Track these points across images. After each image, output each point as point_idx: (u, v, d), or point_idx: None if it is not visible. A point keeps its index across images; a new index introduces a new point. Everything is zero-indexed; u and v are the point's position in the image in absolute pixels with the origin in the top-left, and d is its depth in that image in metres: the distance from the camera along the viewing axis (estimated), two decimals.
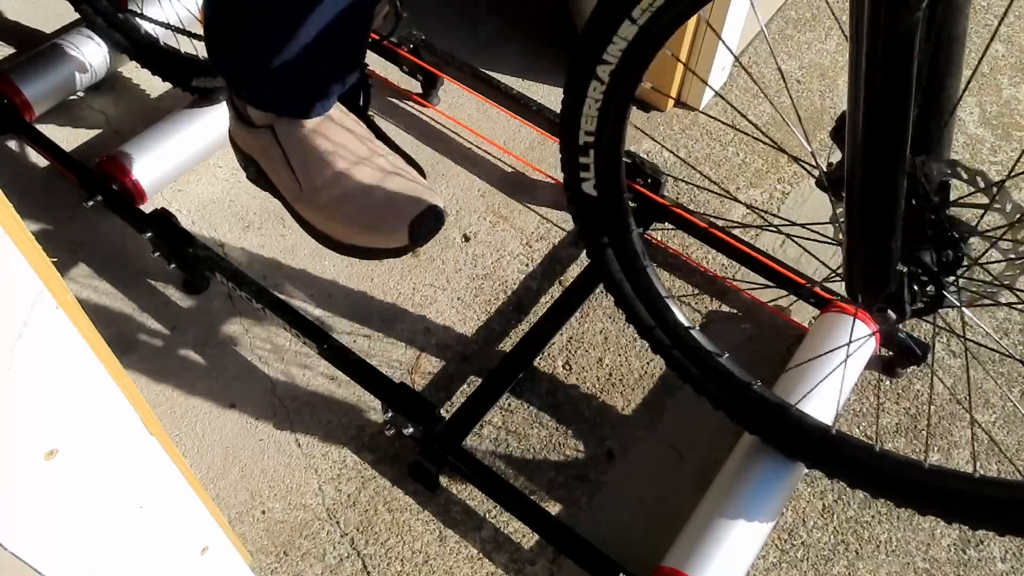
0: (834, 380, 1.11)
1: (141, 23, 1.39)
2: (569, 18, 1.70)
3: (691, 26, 1.43)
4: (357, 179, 0.92)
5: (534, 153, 1.49)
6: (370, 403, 1.19)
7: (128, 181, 1.29)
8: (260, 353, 1.24)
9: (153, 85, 1.54)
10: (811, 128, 1.55)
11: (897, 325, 0.85)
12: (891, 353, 1.23)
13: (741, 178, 1.47)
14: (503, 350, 1.25)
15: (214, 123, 1.37)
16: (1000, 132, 1.55)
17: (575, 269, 1.34)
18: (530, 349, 1.18)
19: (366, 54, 0.98)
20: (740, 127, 1.44)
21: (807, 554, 1.09)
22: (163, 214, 1.23)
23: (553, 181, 1.45)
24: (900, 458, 0.96)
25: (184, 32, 1.36)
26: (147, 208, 1.27)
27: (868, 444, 0.98)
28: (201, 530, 0.83)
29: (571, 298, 1.23)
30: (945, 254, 0.79)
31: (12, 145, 1.44)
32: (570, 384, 1.22)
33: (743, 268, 1.32)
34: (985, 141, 1.54)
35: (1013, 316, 1.30)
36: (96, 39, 1.44)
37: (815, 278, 1.25)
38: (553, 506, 1.11)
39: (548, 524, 1.04)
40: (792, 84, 1.63)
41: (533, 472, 1.14)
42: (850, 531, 1.10)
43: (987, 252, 0.78)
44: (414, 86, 1.56)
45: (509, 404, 1.20)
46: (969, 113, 1.58)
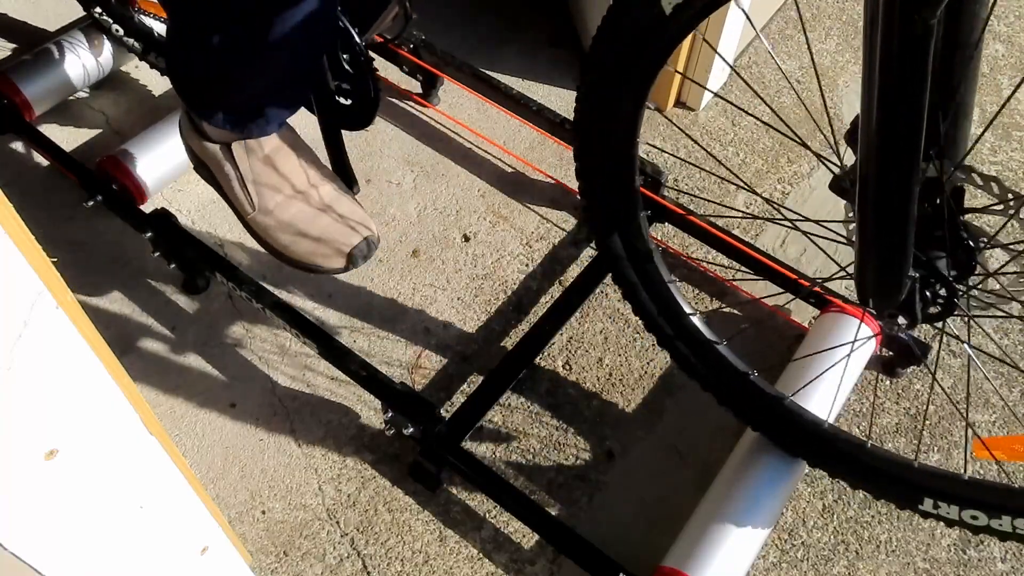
0: (834, 379, 1.11)
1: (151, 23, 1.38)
2: (569, 18, 1.70)
3: None
4: (305, 206, 1.05)
5: (534, 153, 1.49)
6: (370, 403, 1.19)
7: (128, 181, 1.29)
8: (260, 353, 1.24)
9: (153, 85, 1.54)
10: (811, 129, 1.55)
11: (906, 331, 0.84)
12: (891, 353, 1.23)
13: (742, 178, 1.47)
14: (503, 350, 1.25)
15: None
16: (1000, 132, 1.55)
17: (575, 269, 1.34)
18: (530, 349, 1.19)
19: (324, 74, 1.02)
20: (755, 119, 1.44)
21: (807, 554, 1.09)
22: (163, 214, 1.23)
23: (553, 181, 1.45)
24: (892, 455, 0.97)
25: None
26: (147, 208, 1.27)
27: (858, 440, 0.98)
28: (201, 530, 0.83)
29: (571, 298, 1.23)
30: (958, 261, 0.78)
31: (12, 145, 1.44)
32: (570, 384, 1.22)
33: (743, 268, 1.32)
34: (985, 141, 1.54)
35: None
36: (96, 39, 1.44)
37: (815, 278, 1.25)
38: (553, 506, 1.11)
39: (548, 524, 1.04)
40: (792, 84, 1.63)
41: (533, 472, 1.14)
42: (850, 531, 1.10)
43: (1002, 261, 0.77)
44: (414, 86, 1.56)
45: (509, 404, 1.20)
46: None
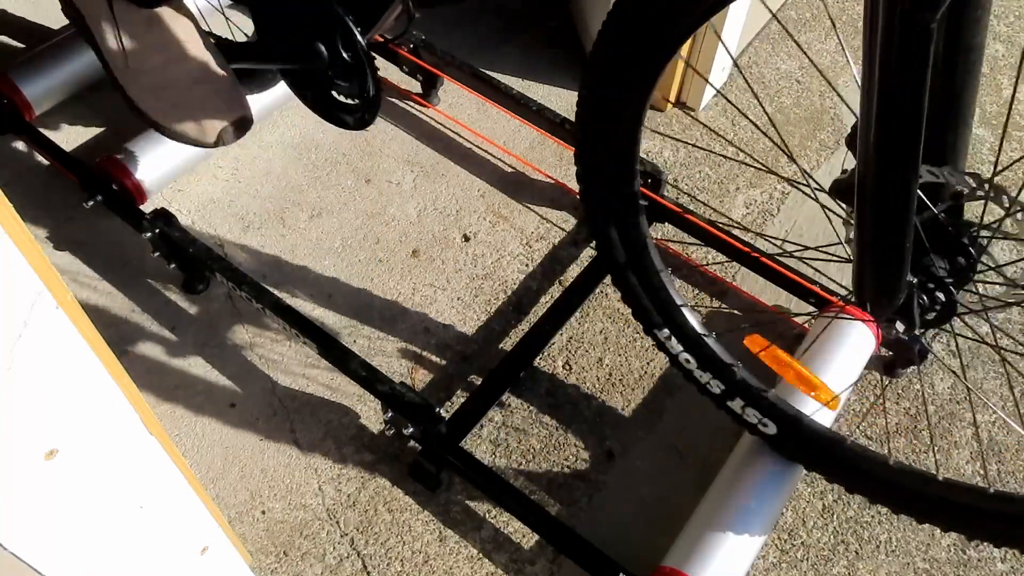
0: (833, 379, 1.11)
1: None
2: (569, 18, 1.70)
3: None
4: (183, 73, 1.01)
5: (534, 153, 1.49)
6: (370, 403, 1.19)
7: (128, 181, 1.29)
8: (260, 353, 1.24)
9: None
10: (811, 128, 1.55)
11: (906, 335, 0.84)
12: (891, 353, 1.23)
13: (741, 178, 1.47)
14: (503, 350, 1.25)
15: None
16: (1000, 132, 1.55)
17: (575, 269, 1.34)
18: (530, 349, 1.19)
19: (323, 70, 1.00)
20: (736, 140, 1.44)
21: (807, 554, 1.09)
22: (163, 214, 1.23)
23: (553, 181, 1.45)
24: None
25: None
26: (147, 208, 1.27)
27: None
28: (201, 530, 0.83)
29: (571, 298, 1.23)
30: (957, 266, 0.77)
31: (12, 145, 1.44)
32: (570, 384, 1.22)
33: (743, 268, 1.32)
34: (985, 141, 1.54)
35: (1013, 315, 1.31)
36: None
37: (815, 278, 1.25)
38: (553, 506, 1.11)
39: (548, 524, 1.04)
40: (792, 84, 1.63)
41: (533, 472, 1.14)
42: (850, 531, 1.10)
43: (999, 263, 0.77)
44: (414, 86, 1.56)
45: (509, 404, 1.20)
46: None
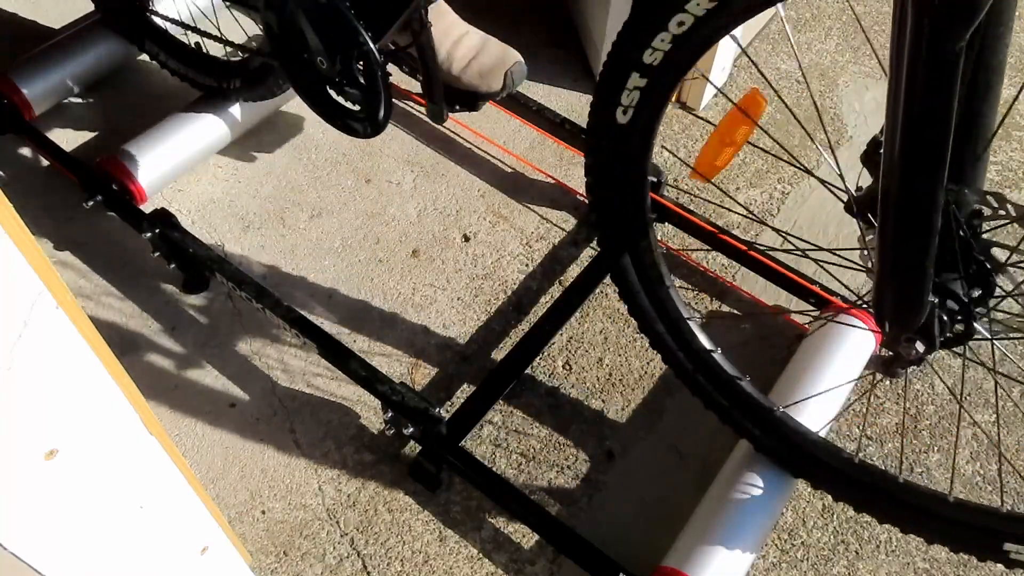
0: (834, 379, 1.11)
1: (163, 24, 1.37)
2: (569, 18, 1.70)
3: None
4: (469, 45, 1.17)
5: (534, 153, 1.49)
6: (370, 403, 1.19)
7: (128, 181, 1.29)
8: (260, 353, 1.24)
9: (154, 85, 1.54)
10: (811, 128, 1.55)
11: (924, 357, 0.82)
12: (891, 353, 1.23)
13: (741, 178, 1.47)
14: (503, 350, 1.25)
15: (214, 124, 1.37)
16: (1000, 132, 1.55)
17: (575, 269, 1.34)
18: (530, 349, 1.18)
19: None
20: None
21: (807, 554, 1.09)
22: (163, 214, 1.23)
23: (553, 181, 1.45)
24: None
25: (197, 31, 1.33)
26: (147, 208, 1.27)
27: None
28: (201, 530, 0.83)
29: (571, 298, 1.23)
30: (977, 286, 0.76)
31: (12, 145, 1.44)
32: (570, 384, 1.22)
33: (743, 268, 1.32)
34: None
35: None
36: (97, 38, 1.44)
37: (815, 278, 1.25)
38: (553, 506, 1.11)
39: (548, 524, 1.04)
40: (792, 84, 1.63)
41: (533, 472, 1.14)
42: (850, 531, 1.10)
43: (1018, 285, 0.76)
44: (414, 86, 1.56)
45: (509, 404, 1.20)
46: None
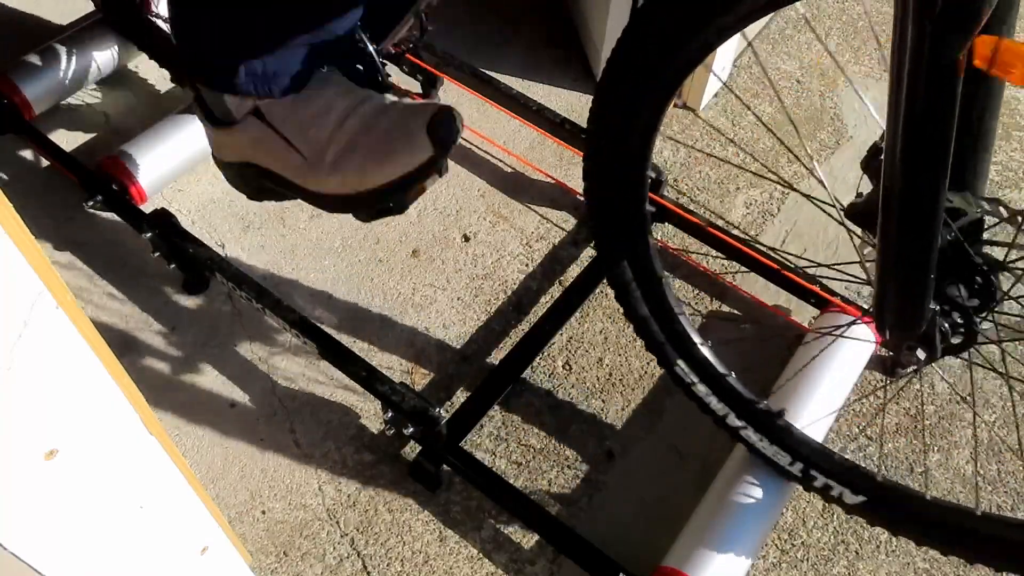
0: (833, 379, 1.11)
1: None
2: (569, 18, 1.70)
3: None
4: (359, 120, 0.89)
5: (534, 153, 1.49)
6: (370, 403, 1.19)
7: (128, 181, 1.29)
8: (260, 353, 1.23)
9: (154, 85, 1.54)
10: (811, 128, 1.55)
11: (926, 365, 0.82)
12: (891, 353, 1.23)
13: (741, 178, 1.47)
14: (503, 350, 1.25)
15: None
16: (1000, 132, 1.55)
17: (575, 269, 1.34)
18: (530, 349, 1.18)
19: (355, 15, 0.89)
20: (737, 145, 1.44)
21: (807, 554, 1.09)
22: (163, 214, 1.23)
23: (553, 181, 1.45)
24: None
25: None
26: (147, 208, 1.27)
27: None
28: (201, 530, 0.83)
29: (571, 298, 1.23)
30: (979, 293, 0.76)
31: (12, 145, 1.44)
32: (570, 384, 1.22)
33: (743, 268, 1.32)
34: (994, 147, 1.54)
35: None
36: (97, 38, 1.44)
37: (815, 277, 1.25)
38: (553, 506, 1.11)
39: (548, 524, 1.04)
40: (792, 84, 1.63)
41: (533, 472, 1.14)
42: (850, 531, 1.10)
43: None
44: (414, 86, 1.56)
45: (509, 404, 1.20)
46: None
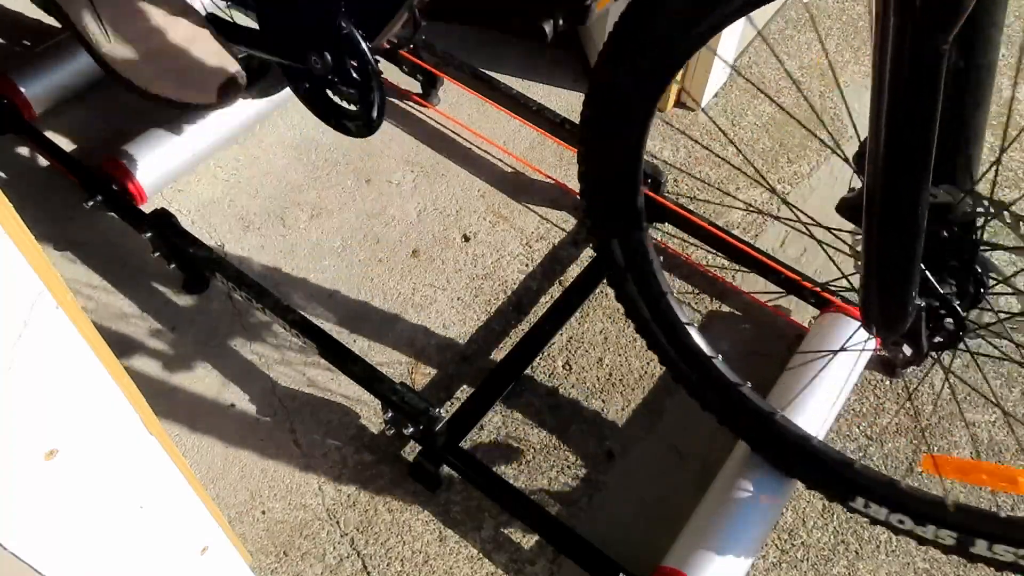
0: (833, 379, 1.11)
1: None
2: None
3: None
4: (170, 37, 1.00)
5: (534, 153, 1.49)
6: (370, 403, 1.19)
7: (128, 181, 1.29)
8: (260, 353, 1.24)
9: None
10: (811, 128, 1.55)
11: (912, 362, 0.82)
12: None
13: (741, 178, 1.47)
14: (503, 350, 1.25)
15: (214, 124, 1.37)
16: (1000, 132, 1.55)
17: (575, 269, 1.34)
18: (530, 349, 1.19)
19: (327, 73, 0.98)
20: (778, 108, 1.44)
21: (807, 554, 1.09)
22: (163, 214, 1.23)
23: (553, 181, 1.45)
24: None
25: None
26: (147, 208, 1.27)
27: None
28: (201, 530, 0.83)
29: (571, 298, 1.23)
30: (966, 289, 0.75)
31: (12, 145, 1.44)
32: (570, 384, 1.22)
33: (743, 268, 1.32)
34: (984, 141, 1.54)
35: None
36: None
37: (816, 278, 1.25)
38: (553, 506, 1.11)
39: (548, 524, 1.04)
40: (792, 84, 1.63)
41: (533, 472, 1.14)
42: (850, 531, 1.10)
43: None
44: (414, 86, 1.56)
45: (509, 404, 1.20)
46: None
